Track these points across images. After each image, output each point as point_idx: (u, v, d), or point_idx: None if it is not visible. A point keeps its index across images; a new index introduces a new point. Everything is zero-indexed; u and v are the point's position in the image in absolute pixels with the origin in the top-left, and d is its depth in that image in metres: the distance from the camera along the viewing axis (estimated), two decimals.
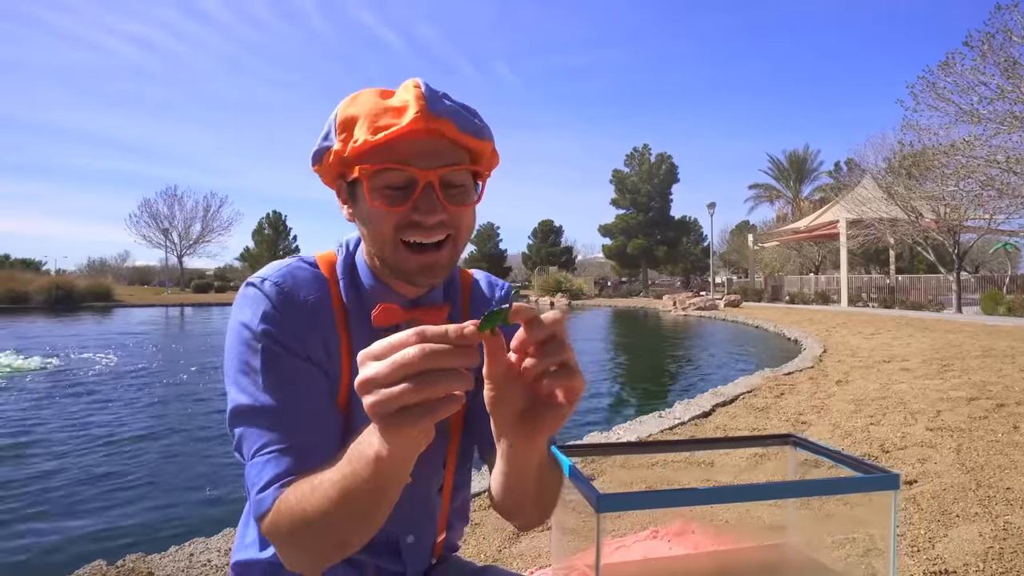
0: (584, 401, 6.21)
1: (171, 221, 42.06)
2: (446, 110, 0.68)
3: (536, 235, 55.67)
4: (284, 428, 0.68)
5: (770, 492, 1.58)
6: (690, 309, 20.83)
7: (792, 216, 33.72)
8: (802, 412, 4.43)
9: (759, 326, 14.38)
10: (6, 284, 24.50)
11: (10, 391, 6.52)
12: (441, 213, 0.70)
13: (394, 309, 0.74)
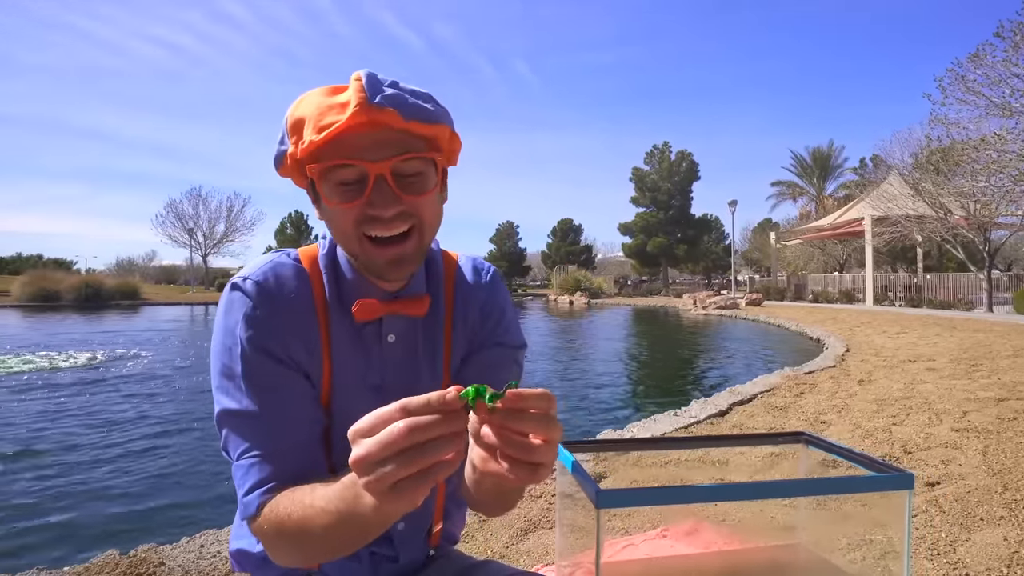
0: (600, 399, 6.18)
1: (196, 221, 42.85)
2: (389, 98, 0.66)
3: (555, 234, 55.56)
4: (265, 433, 0.69)
5: (777, 490, 1.54)
6: (710, 308, 20.60)
7: (816, 214, 33.14)
8: (822, 412, 4.34)
9: (780, 325, 14.16)
10: (39, 283, 25.16)
11: (46, 387, 6.68)
12: (397, 204, 0.69)
13: (373, 304, 0.75)
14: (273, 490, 0.68)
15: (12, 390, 6.43)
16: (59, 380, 7.08)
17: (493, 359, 0.86)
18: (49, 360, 8.78)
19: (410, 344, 0.81)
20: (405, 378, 0.80)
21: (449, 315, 0.85)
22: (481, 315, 0.86)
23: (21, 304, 23.66)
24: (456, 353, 0.85)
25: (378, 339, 0.78)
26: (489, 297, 0.88)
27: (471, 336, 0.86)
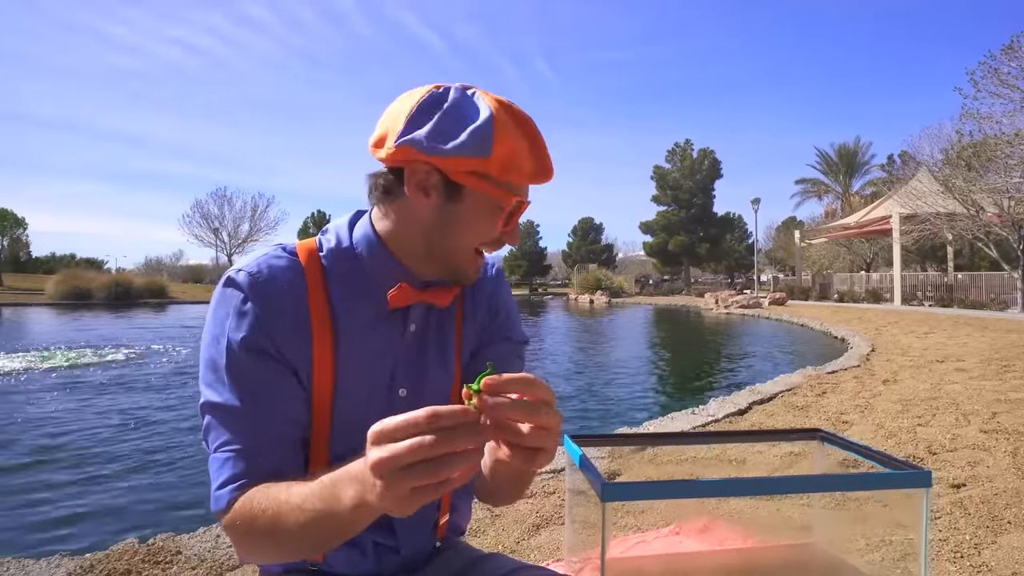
0: (617, 398, 6.14)
1: (221, 221, 43.62)
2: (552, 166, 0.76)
3: (576, 233, 55.36)
4: (245, 428, 0.69)
5: (786, 486, 1.51)
6: (733, 307, 20.34)
7: (841, 212, 32.51)
8: (844, 411, 4.25)
9: (804, 324, 13.92)
10: (71, 282, 25.83)
11: (81, 381, 6.87)
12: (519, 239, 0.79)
13: (408, 290, 0.76)
14: (246, 486, 0.67)
15: (49, 384, 6.61)
16: (94, 374, 7.26)
17: (502, 353, 0.87)
18: (94, 355, 9.01)
19: (426, 336, 0.82)
20: (417, 370, 0.80)
21: (460, 308, 0.86)
22: (489, 309, 0.88)
23: (55, 302, 24.32)
24: (466, 348, 0.86)
25: (401, 328, 0.79)
26: (496, 291, 0.90)
27: (480, 331, 0.87)
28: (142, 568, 1.84)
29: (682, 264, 43.50)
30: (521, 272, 55.92)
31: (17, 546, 2.38)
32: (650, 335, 14.38)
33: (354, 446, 0.72)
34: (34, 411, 5.31)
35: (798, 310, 18.02)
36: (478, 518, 2.30)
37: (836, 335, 10.94)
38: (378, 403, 0.77)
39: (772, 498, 2.53)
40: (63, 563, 1.87)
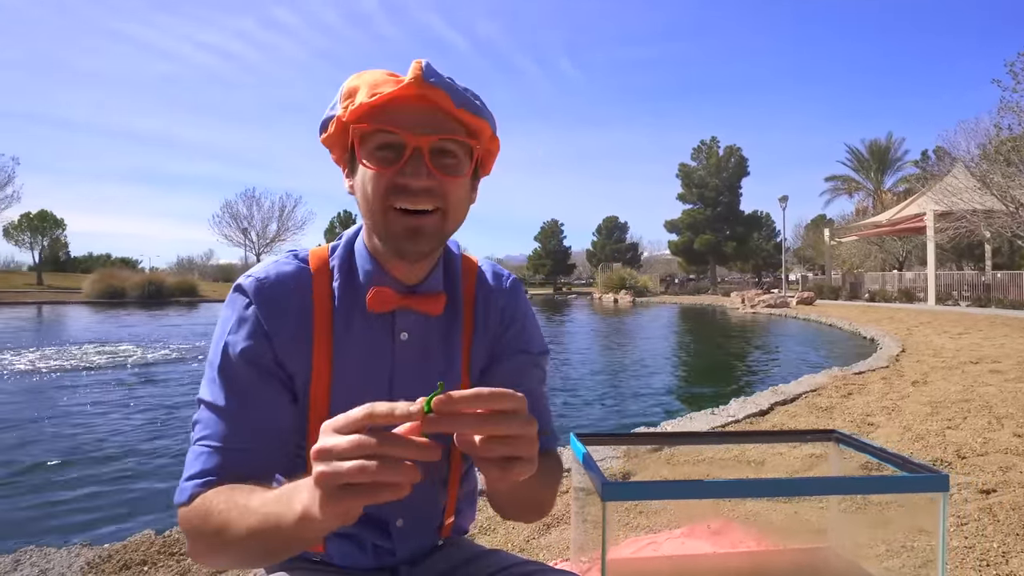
0: (637, 397, 6.08)
1: (250, 221, 44.42)
2: (443, 82, 0.69)
3: (600, 231, 55.07)
4: (225, 429, 0.70)
5: (796, 488, 1.47)
6: (759, 306, 20.00)
7: (873, 209, 31.71)
8: (870, 413, 4.14)
9: (833, 324, 13.61)
10: (107, 281, 26.58)
11: (113, 376, 7.06)
12: (428, 179, 0.70)
13: (387, 293, 0.75)
14: (212, 483, 0.67)
15: (81, 379, 6.81)
16: (124, 371, 7.46)
17: (517, 366, 0.85)
18: (125, 352, 9.26)
19: (425, 345, 0.79)
20: (417, 381, 0.78)
21: (469, 319, 0.84)
22: (503, 321, 0.85)
23: (91, 300, 25.06)
24: (476, 360, 0.83)
25: (390, 336, 0.77)
26: (510, 302, 0.87)
27: (492, 343, 0.85)
28: (158, 559, 1.88)
29: (708, 263, 42.95)
30: (545, 271, 55.80)
31: (39, 535, 2.46)
32: (673, 334, 14.22)
33: None
34: (64, 405, 5.47)
35: (826, 309, 17.63)
36: (488, 515, 2.29)
37: (865, 335, 10.68)
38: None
39: (789, 501, 2.49)
40: (82, 552, 1.92)
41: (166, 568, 1.82)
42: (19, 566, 1.83)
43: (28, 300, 24.40)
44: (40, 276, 34.86)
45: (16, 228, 37.40)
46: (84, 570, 1.81)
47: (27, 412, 5.18)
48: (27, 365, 7.83)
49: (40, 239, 38.19)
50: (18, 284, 30.82)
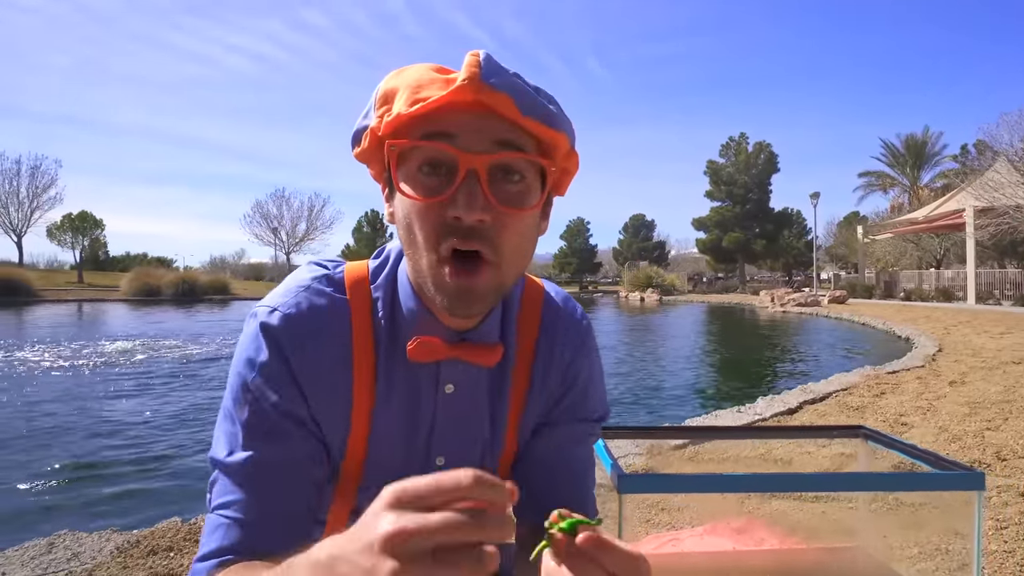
0: (662, 395, 6.01)
1: (280, 221, 45.28)
2: (507, 83, 0.53)
3: (627, 230, 54.62)
4: (249, 498, 0.58)
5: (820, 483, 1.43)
6: (789, 305, 19.59)
7: (909, 206, 30.80)
8: (904, 413, 4.02)
9: (866, 323, 13.26)
10: (143, 279, 27.34)
11: (141, 373, 7.27)
12: (483, 211, 0.54)
13: (435, 344, 0.62)
14: (229, 563, 0.57)
15: (118, 373, 7.02)
16: (159, 365, 7.66)
17: (573, 435, 0.72)
18: (159, 347, 9.52)
19: (471, 399, 0.68)
20: (458, 438, 0.68)
21: (526, 370, 0.70)
22: (565, 381, 0.72)
23: (128, 298, 25.80)
24: (526, 422, 0.71)
25: (433, 387, 0.66)
26: (578, 358, 0.72)
27: (549, 403, 0.72)
28: (183, 545, 1.92)
29: (737, 261, 42.27)
30: (571, 270, 55.59)
31: (73, 521, 2.53)
32: (699, 332, 14.02)
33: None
34: (101, 397, 5.63)
35: (859, 308, 17.19)
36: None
37: (900, 334, 10.38)
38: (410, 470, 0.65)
39: (816, 500, 2.42)
40: (112, 537, 1.97)
41: (191, 554, 1.86)
42: (53, 549, 1.89)
43: (70, 298, 25.23)
44: (81, 274, 35.97)
45: (58, 228, 38.67)
46: (114, 554, 1.86)
47: (66, 404, 5.36)
48: (67, 359, 8.10)
49: (81, 239, 39.41)
50: (60, 282, 31.90)
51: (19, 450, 3.93)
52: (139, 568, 1.77)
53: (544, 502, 0.69)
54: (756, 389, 6.10)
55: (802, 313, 17.74)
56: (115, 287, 28.45)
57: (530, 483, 0.70)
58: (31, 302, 22.98)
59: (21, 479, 3.32)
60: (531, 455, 0.71)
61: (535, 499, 0.69)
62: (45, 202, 37.58)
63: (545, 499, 0.69)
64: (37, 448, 3.97)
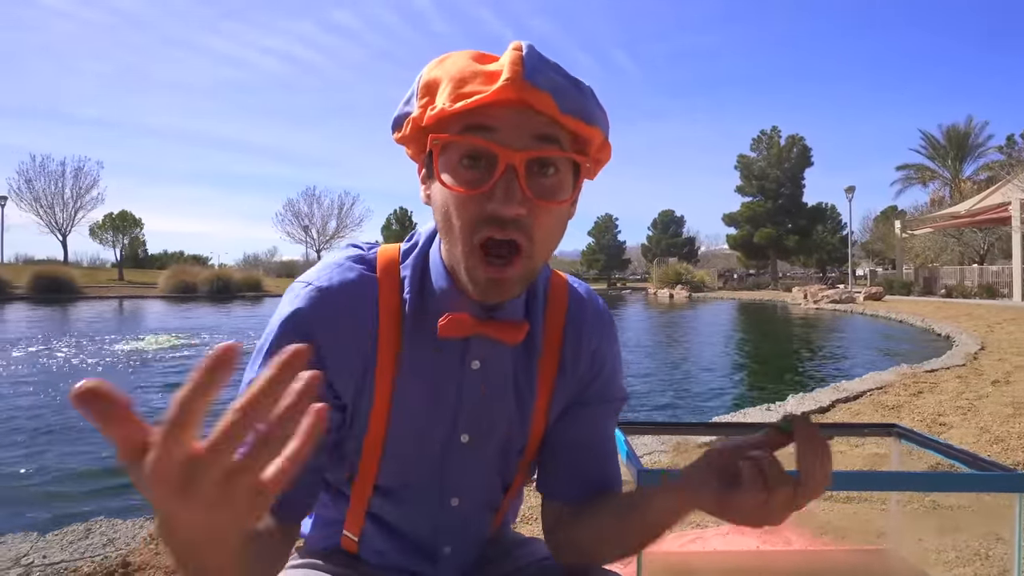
0: (690, 392, 5.93)
1: (310, 219, 46.17)
2: (549, 81, 0.56)
3: (656, 226, 54.07)
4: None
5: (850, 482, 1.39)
6: (823, 302, 19.14)
7: (950, 199, 29.78)
8: (942, 413, 3.88)
9: (903, 320, 12.87)
10: (179, 276, 28.09)
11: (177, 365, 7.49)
12: (521, 205, 0.57)
13: (464, 320, 0.64)
14: None
15: (156, 365, 7.25)
16: (193, 358, 7.88)
17: (598, 415, 0.77)
18: (195, 340, 9.80)
19: (496, 377, 0.71)
20: (483, 414, 0.71)
21: (555, 355, 0.73)
22: (593, 365, 0.75)
23: (165, 295, 26.56)
24: (557, 403, 0.75)
25: (460, 363, 0.69)
26: (603, 345, 0.77)
27: (579, 388, 0.75)
28: None
29: (768, 257, 41.46)
30: (599, 266, 55.27)
31: (109, 508, 2.62)
32: (728, 329, 13.80)
33: (401, 481, 0.71)
34: (140, 387, 5.82)
35: (896, 305, 16.69)
36: (530, 506, 2.28)
37: (939, 332, 10.05)
38: (433, 446, 0.70)
39: (847, 500, 2.35)
40: (145, 525, 2.03)
41: None
42: (90, 535, 1.96)
43: (111, 295, 26.09)
44: (121, 272, 37.14)
45: (100, 228, 39.98)
46: (146, 541, 1.92)
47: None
48: (107, 352, 8.38)
49: (121, 238, 40.66)
50: (102, 280, 33.01)
51: (64, 440, 4.08)
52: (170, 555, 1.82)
53: (577, 479, 0.75)
54: (786, 387, 5.97)
55: (836, 310, 17.31)
56: (153, 284, 29.28)
57: (562, 462, 0.74)
58: (75, 298, 23.84)
59: (63, 466, 3.46)
60: (562, 436, 0.75)
61: (568, 477, 0.74)
62: (88, 202, 38.98)
63: (578, 476, 0.75)
64: (80, 438, 4.11)
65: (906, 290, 22.85)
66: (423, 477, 0.71)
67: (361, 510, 0.73)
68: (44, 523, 2.53)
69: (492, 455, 0.73)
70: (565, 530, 0.74)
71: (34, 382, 6.20)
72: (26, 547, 1.87)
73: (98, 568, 1.74)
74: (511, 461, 0.75)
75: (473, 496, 0.74)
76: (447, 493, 0.73)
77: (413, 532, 0.74)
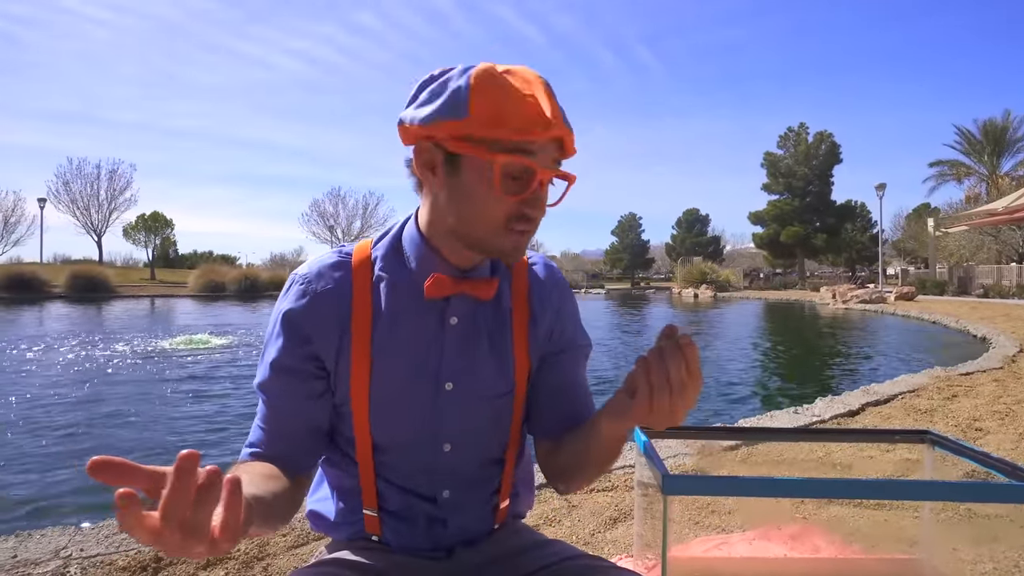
0: (714, 394, 5.85)
1: (336, 219, 46.52)
2: (566, 119, 0.73)
3: (680, 225, 53.49)
4: (267, 412, 0.80)
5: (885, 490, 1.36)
6: (852, 302, 18.72)
7: (986, 196, 28.89)
8: (978, 417, 3.77)
9: (936, 321, 12.52)
10: (208, 276, 28.69)
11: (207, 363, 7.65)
12: (544, 209, 0.76)
13: (444, 280, 0.77)
14: (254, 456, 0.78)
15: (186, 363, 7.42)
16: (224, 356, 8.04)
17: (574, 358, 0.89)
18: (228, 339, 10.01)
19: (472, 331, 0.82)
20: (465, 364, 0.81)
21: (524, 306, 0.86)
22: (559, 317, 0.88)
23: (195, 294, 27.15)
24: (535, 350, 0.86)
25: (440, 321, 0.80)
26: (563, 298, 0.90)
27: (548, 337, 0.87)
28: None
29: (796, 256, 40.70)
30: (622, 266, 54.94)
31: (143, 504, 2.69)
32: (755, 329, 13.59)
33: (395, 437, 0.81)
34: (174, 384, 5.96)
35: (930, 305, 16.26)
36: (554, 507, 2.28)
37: (975, 333, 9.75)
38: (421, 394, 0.80)
39: (878, 508, 2.30)
40: None
41: (247, 540, 1.94)
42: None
43: (143, 294, 26.77)
44: (153, 271, 38.10)
45: (133, 228, 41.01)
46: None
47: (144, 390, 5.69)
48: (143, 350, 8.60)
49: (153, 238, 41.64)
50: (135, 279, 33.88)
51: (100, 433, 4.20)
52: None
53: (556, 419, 0.87)
54: (814, 389, 5.86)
55: (866, 311, 16.92)
56: (183, 283, 29.95)
57: (544, 406, 0.87)
58: (109, 297, 24.51)
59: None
60: (541, 384, 0.87)
61: (549, 417, 0.87)
62: (121, 203, 39.95)
63: (556, 416, 0.87)
64: (116, 430, 4.23)
65: (939, 290, 22.24)
66: (415, 426, 0.80)
67: (370, 475, 0.81)
68: (79, 516, 2.61)
69: (479, 401, 0.82)
70: (552, 459, 0.86)
71: (67, 381, 6.40)
72: (64, 540, 1.93)
73: (132, 562, 1.79)
74: (500, 406, 0.84)
75: (466, 441, 0.83)
76: (439, 439, 0.82)
77: (414, 484, 0.83)
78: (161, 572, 1.76)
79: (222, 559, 1.82)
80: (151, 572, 1.76)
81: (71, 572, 1.74)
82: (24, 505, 2.94)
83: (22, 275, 23.80)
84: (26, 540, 1.92)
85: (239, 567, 1.78)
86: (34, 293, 23.08)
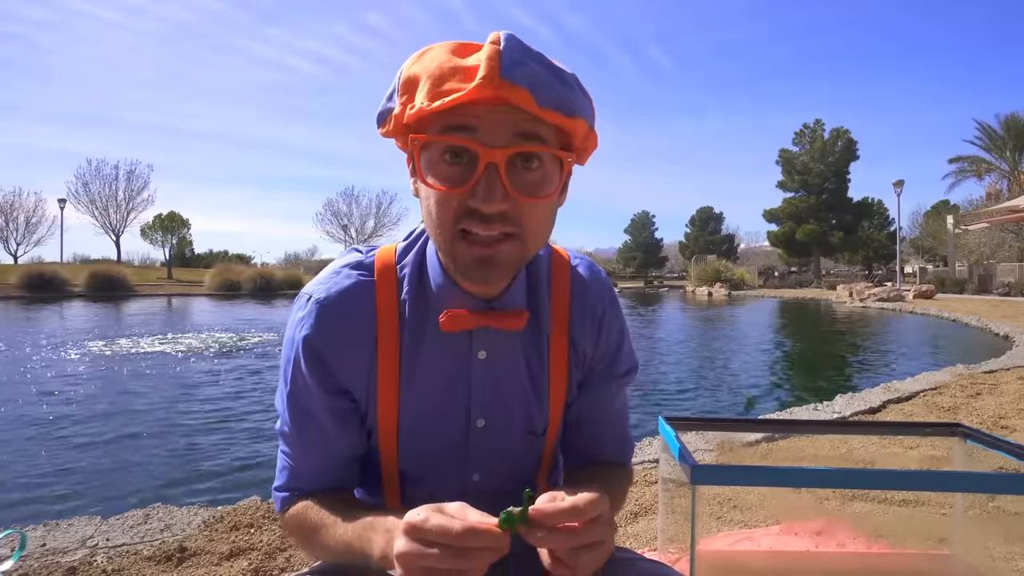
0: (730, 392, 5.80)
1: (349, 218, 46.90)
2: (526, 75, 0.55)
3: (694, 223, 53.15)
4: (295, 449, 0.73)
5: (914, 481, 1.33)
6: (869, 300, 18.48)
7: (1008, 192, 28.38)
8: (1004, 415, 3.70)
9: (957, 320, 12.31)
10: (224, 275, 28.98)
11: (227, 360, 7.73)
12: (502, 201, 0.58)
13: (462, 315, 0.67)
14: (295, 498, 0.73)
15: (207, 360, 7.49)
16: (243, 354, 8.11)
17: (611, 390, 0.80)
18: (246, 338, 10.10)
19: (507, 364, 0.73)
20: (496, 400, 0.73)
21: (564, 333, 0.75)
22: (600, 333, 0.77)
23: (211, 293, 27.44)
24: (573, 381, 0.77)
25: (467, 355, 0.71)
26: (609, 319, 0.78)
27: (590, 358, 0.78)
28: (262, 523, 2.02)
29: (811, 254, 40.29)
30: (636, 264, 54.68)
31: (165, 496, 2.74)
32: (771, 328, 13.46)
33: (423, 468, 0.75)
34: (195, 382, 6.02)
35: (949, 304, 16.00)
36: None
37: (997, 331, 9.58)
38: (451, 431, 0.73)
39: (904, 503, 2.27)
40: (200, 512, 2.10)
41: (269, 531, 1.96)
42: (148, 520, 2.04)
43: (160, 292, 27.10)
44: (170, 271, 38.54)
45: (151, 228, 41.58)
46: (200, 527, 1.99)
47: (160, 388, 5.76)
48: (161, 346, 8.70)
49: (170, 238, 42.16)
50: (152, 278, 34.32)
51: (128, 427, 4.25)
52: (223, 541, 1.88)
53: (591, 449, 0.82)
54: (833, 387, 5.79)
55: (884, 309, 16.70)
56: (200, 282, 30.26)
57: (578, 433, 0.80)
58: (127, 296, 24.85)
59: (123, 455, 3.61)
60: (579, 408, 0.79)
61: (583, 447, 0.81)
62: (139, 204, 40.62)
63: (592, 446, 0.81)
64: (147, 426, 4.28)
65: (959, 288, 21.89)
66: (443, 459, 0.74)
67: (396, 500, 0.77)
68: (105, 507, 2.65)
69: (512, 437, 0.76)
70: (566, 473, 0.84)
71: (94, 377, 6.49)
72: (91, 530, 1.95)
73: (157, 552, 1.81)
74: (536, 441, 0.77)
75: (497, 469, 0.77)
76: (468, 469, 0.76)
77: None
78: (186, 561, 1.78)
79: (246, 549, 1.84)
80: (176, 562, 1.78)
81: (98, 561, 1.76)
82: (52, 496, 2.99)
83: (43, 274, 24.17)
84: (54, 529, 1.95)
85: (262, 558, 1.79)
86: (55, 292, 23.44)
